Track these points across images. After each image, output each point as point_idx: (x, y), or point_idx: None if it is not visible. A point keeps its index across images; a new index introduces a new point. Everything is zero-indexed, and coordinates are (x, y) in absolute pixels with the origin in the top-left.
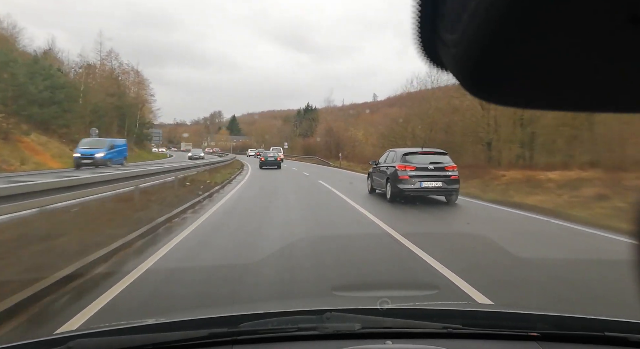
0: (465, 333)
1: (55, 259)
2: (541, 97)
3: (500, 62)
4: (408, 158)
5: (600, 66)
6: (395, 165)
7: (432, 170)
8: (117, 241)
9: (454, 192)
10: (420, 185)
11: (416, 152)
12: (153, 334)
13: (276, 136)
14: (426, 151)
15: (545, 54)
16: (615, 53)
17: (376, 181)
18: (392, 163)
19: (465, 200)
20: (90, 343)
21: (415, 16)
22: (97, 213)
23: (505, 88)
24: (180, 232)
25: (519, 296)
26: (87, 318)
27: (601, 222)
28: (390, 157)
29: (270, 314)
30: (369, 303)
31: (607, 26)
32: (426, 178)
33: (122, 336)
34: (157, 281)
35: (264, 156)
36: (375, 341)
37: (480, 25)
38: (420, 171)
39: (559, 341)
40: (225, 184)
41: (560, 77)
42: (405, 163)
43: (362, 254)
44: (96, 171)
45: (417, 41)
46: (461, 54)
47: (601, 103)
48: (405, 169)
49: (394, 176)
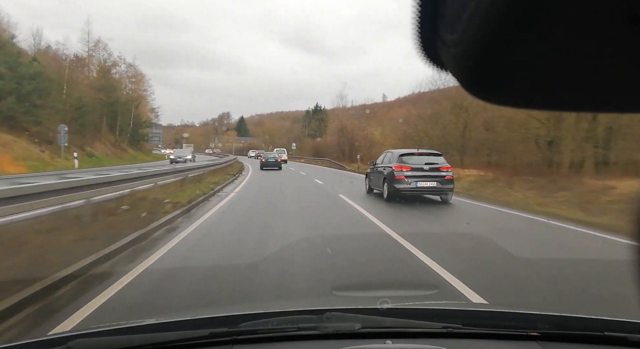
0: (465, 333)
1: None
2: (541, 97)
3: (500, 62)
4: (404, 159)
5: (600, 66)
6: (392, 166)
7: (427, 170)
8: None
9: (449, 191)
10: (416, 185)
11: (412, 153)
12: (152, 334)
13: (284, 137)
14: (422, 152)
15: (545, 54)
16: (615, 53)
17: (374, 181)
18: (389, 164)
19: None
20: (89, 343)
21: (415, 16)
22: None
23: (505, 88)
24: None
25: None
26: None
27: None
28: (387, 158)
29: (270, 314)
30: (369, 303)
31: (607, 26)
32: (421, 178)
33: (121, 336)
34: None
35: (265, 157)
36: (375, 341)
37: (480, 25)
38: (415, 171)
39: (559, 341)
40: (197, 205)
41: (561, 77)
42: (401, 164)
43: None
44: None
45: (417, 41)
46: (461, 54)
47: (601, 103)
48: (401, 170)
49: (390, 176)
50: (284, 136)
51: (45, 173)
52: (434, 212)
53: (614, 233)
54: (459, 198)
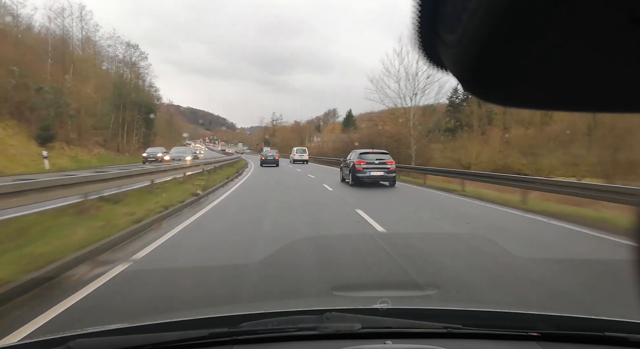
0: (465, 333)
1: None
2: (541, 97)
3: (500, 62)
4: (362, 156)
5: (600, 66)
6: (354, 160)
7: (377, 164)
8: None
9: (392, 179)
10: (370, 174)
11: (368, 152)
12: (153, 334)
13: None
14: (375, 151)
15: (545, 54)
16: (615, 53)
17: (344, 172)
18: (353, 159)
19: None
20: (90, 343)
21: (415, 16)
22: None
23: (505, 88)
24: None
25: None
26: None
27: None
28: (352, 156)
29: (270, 314)
30: (369, 303)
31: (607, 26)
32: (373, 169)
33: (121, 336)
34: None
35: (264, 155)
36: (375, 341)
37: (480, 25)
38: (370, 164)
39: (559, 341)
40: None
41: (560, 77)
42: (360, 159)
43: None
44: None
45: (417, 41)
46: (461, 54)
47: (601, 103)
48: (360, 163)
49: (353, 168)
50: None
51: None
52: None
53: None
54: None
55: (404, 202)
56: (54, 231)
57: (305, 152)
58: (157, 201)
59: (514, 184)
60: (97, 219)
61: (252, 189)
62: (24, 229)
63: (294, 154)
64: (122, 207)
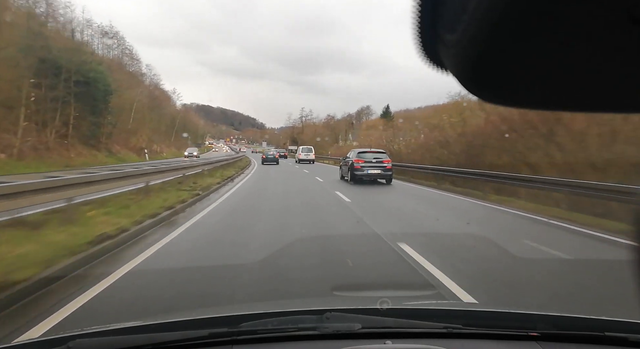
0: (465, 333)
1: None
2: (541, 97)
3: (500, 62)
4: (360, 155)
5: (600, 66)
6: (353, 159)
7: (374, 162)
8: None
9: (388, 176)
10: (367, 172)
11: (366, 151)
12: (152, 334)
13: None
14: (372, 150)
15: (545, 54)
16: (615, 53)
17: (343, 170)
18: (351, 158)
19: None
20: (90, 343)
21: (415, 16)
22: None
23: (505, 88)
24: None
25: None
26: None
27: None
28: (351, 154)
29: (270, 314)
30: (369, 303)
31: (607, 26)
32: (371, 167)
33: (121, 336)
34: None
35: (265, 154)
36: (375, 341)
37: (480, 25)
38: (367, 162)
39: (559, 341)
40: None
41: (561, 77)
42: (358, 157)
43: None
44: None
45: (417, 41)
46: (461, 54)
47: (601, 103)
48: (358, 162)
49: (351, 166)
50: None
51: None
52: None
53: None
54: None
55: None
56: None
57: (311, 151)
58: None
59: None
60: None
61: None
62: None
63: (300, 153)
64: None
